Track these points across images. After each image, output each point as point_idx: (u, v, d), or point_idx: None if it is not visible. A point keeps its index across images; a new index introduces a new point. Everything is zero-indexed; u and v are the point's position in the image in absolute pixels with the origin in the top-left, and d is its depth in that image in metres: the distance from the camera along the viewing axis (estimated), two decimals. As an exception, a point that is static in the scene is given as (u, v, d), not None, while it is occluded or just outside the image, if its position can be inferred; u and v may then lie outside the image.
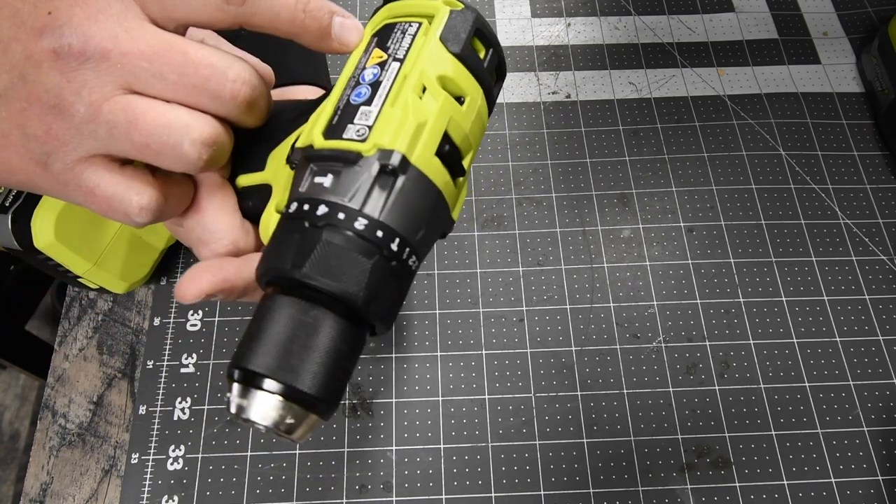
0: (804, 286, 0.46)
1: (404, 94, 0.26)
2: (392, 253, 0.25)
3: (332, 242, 0.24)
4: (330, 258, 0.24)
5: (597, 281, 0.46)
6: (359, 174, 0.25)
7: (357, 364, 0.26)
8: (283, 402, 0.24)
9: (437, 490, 0.40)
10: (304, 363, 0.24)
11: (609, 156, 0.51)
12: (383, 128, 0.26)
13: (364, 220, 0.25)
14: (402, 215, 0.26)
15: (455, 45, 0.28)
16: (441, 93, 0.27)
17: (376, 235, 0.25)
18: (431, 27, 0.28)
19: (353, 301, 0.24)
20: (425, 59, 0.27)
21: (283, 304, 0.25)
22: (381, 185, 0.25)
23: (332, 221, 0.25)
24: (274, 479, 0.40)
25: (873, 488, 0.40)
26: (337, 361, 0.25)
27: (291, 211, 0.26)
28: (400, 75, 0.27)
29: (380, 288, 0.25)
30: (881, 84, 0.52)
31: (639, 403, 0.42)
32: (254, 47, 0.43)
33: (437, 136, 0.27)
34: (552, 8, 0.58)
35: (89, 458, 0.41)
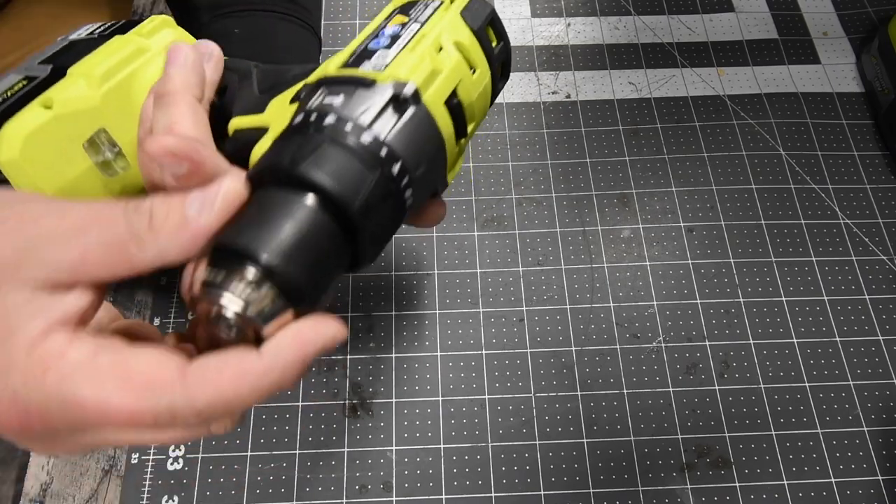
0: (804, 286, 0.46)
1: (422, 46, 0.28)
2: (392, 176, 0.25)
3: (335, 148, 0.24)
4: (331, 161, 0.24)
5: (597, 281, 0.46)
6: (371, 96, 0.26)
7: (338, 282, 0.25)
8: (263, 283, 0.22)
9: (437, 490, 0.40)
10: (291, 249, 0.22)
11: (609, 156, 0.51)
12: (400, 64, 0.27)
13: (370, 136, 0.25)
14: (407, 144, 0.26)
15: (473, 22, 0.29)
16: (456, 53, 0.28)
17: (380, 154, 0.25)
18: (453, 5, 0.30)
19: (349, 205, 0.24)
20: (445, 25, 0.29)
21: (274, 194, 0.24)
22: (393, 109, 0.26)
23: (339, 130, 0.25)
24: (274, 479, 0.40)
25: (873, 488, 0.40)
26: (324, 261, 0.23)
27: (296, 122, 0.26)
28: (419, 33, 0.28)
29: (375, 204, 0.25)
30: (881, 84, 0.52)
31: (639, 403, 0.42)
32: (246, 48, 0.43)
33: (448, 86, 0.28)
34: (552, 8, 0.58)
35: (89, 458, 0.41)
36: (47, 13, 0.65)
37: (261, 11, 0.44)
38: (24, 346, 0.21)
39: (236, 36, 0.43)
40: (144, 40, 0.38)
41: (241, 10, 0.44)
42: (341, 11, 0.57)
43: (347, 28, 0.56)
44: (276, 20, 0.44)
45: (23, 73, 0.37)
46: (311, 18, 0.47)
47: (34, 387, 0.21)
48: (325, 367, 0.43)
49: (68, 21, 0.64)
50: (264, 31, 0.44)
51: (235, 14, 0.44)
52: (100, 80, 0.36)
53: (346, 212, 0.24)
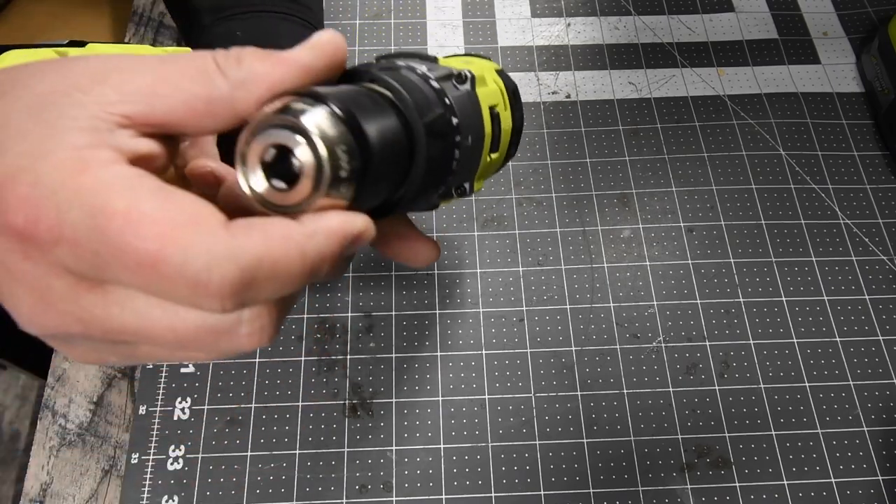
0: (804, 286, 0.46)
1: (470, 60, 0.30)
2: (451, 124, 0.25)
3: (408, 76, 0.25)
4: (405, 81, 0.24)
5: (597, 281, 0.46)
6: (434, 67, 0.26)
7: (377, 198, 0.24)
8: (342, 123, 0.20)
9: (437, 490, 0.40)
10: (371, 119, 0.21)
11: (609, 156, 0.51)
12: (455, 61, 0.29)
13: (438, 85, 0.25)
14: (461, 111, 0.26)
15: (506, 81, 0.32)
16: (495, 85, 0.31)
17: (445, 101, 0.25)
18: (489, 63, 0.33)
19: (418, 120, 0.23)
20: (485, 68, 0.31)
21: (351, 86, 0.22)
22: (453, 83, 0.27)
23: (411, 70, 0.25)
24: (274, 479, 0.40)
25: (873, 488, 0.40)
26: (392, 144, 0.22)
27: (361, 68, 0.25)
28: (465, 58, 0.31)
29: (435, 136, 0.24)
30: (881, 84, 0.52)
31: (639, 403, 0.42)
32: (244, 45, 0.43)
33: (491, 98, 0.29)
34: (552, 8, 0.58)
35: (89, 458, 0.41)
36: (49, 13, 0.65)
37: (263, 13, 0.44)
38: (69, 144, 0.18)
39: (240, 38, 0.43)
40: None
41: (244, 12, 0.44)
42: (341, 11, 0.57)
43: (347, 28, 0.56)
44: (278, 21, 0.44)
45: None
46: (313, 18, 0.47)
47: (63, 181, 0.17)
48: (325, 367, 0.43)
49: (70, 21, 0.64)
50: (267, 32, 0.44)
51: (238, 16, 0.44)
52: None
53: (415, 123, 0.23)
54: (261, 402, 0.42)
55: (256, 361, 0.43)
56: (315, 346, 0.44)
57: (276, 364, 0.43)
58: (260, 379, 0.43)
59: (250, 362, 0.43)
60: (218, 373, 0.43)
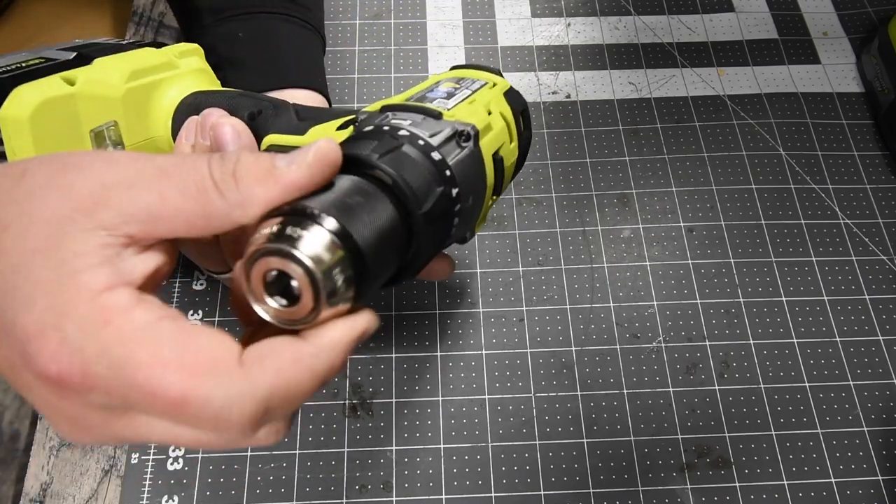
0: (804, 286, 0.46)
1: (476, 105, 0.31)
2: (451, 196, 0.26)
3: (409, 154, 0.25)
4: (408, 164, 0.25)
5: (597, 281, 0.46)
6: (438, 125, 0.28)
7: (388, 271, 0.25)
8: (335, 244, 0.21)
9: (437, 490, 0.40)
10: (366, 225, 0.22)
11: (609, 156, 0.51)
12: (460, 110, 0.29)
13: (439, 155, 0.26)
14: (463, 175, 0.27)
15: (514, 105, 0.33)
16: (501, 121, 0.31)
17: (445, 173, 0.26)
18: (497, 87, 0.33)
19: (418, 205, 0.24)
20: (492, 98, 0.32)
21: (350, 179, 0.24)
22: (456, 142, 0.27)
23: (412, 142, 0.26)
24: (274, 479, 0.40)
25: (873, 488, 0.40)
26: (387, 249, 0.23)
27: (367, 130, 0.27)
28: (471, 97, 0.31)
29: (436, 216, 0.25)
30: (881, 84, 0.52)
31: (639, 403, 0.42)
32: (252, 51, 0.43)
33: (496, 142, 0.30)
34: (552, 8, 0.58)
35: (89, 458, 0.41)
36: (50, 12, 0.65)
37: (263, 13, 0.44)
38: (88, 294, 0.19)
39: (241, 39, 0.43)
40: (175, 58, 0.38)
41: (244, 13, 0.44)
42: (341, 11, 0.57)
43: (347, 28, 0.56)
44: (279, 22, 0.44)
45: (36, 54, 0.35)
46: (313, 18, 0.47)
47: (89, 337, 0.19)
48: (325, 367, 0.43)
49: (72, 20, 0.64)
50: (268, 33, 0.44)
51: (238, 17, 0.44)
52: (128, 76, 0.35)
53: (413, 213, 0.24)
54: (261, 402, 0.42)
55: (256, 361, 0.43)
56: (315, 346, 0.44)
57: (276, 364, 0.43)
58: (260, 379, 0.43)
59: (250, 362, 0.43)
60: (218, 373, 0.43)
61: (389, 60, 0.54)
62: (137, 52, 0.37)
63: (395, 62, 0.54)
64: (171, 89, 0.37)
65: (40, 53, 0.35)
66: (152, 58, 0.37)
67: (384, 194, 0.24)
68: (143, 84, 0.36)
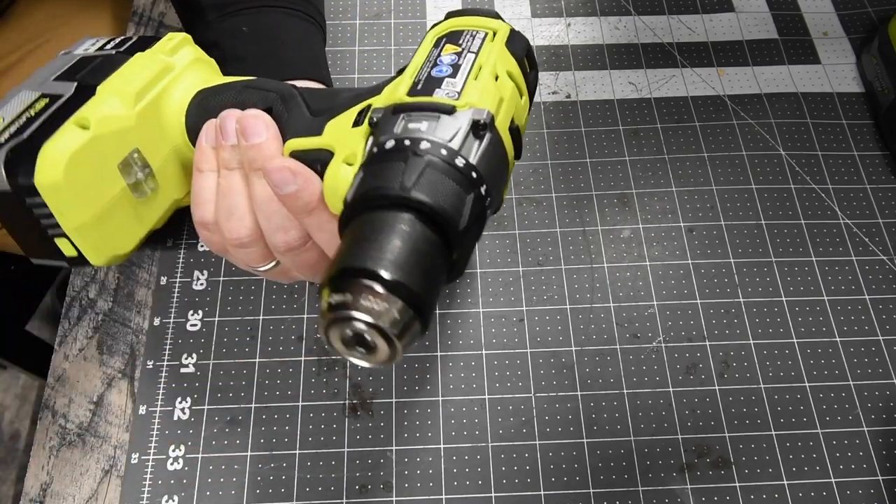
0: (804, 286, 0.46)
1: (483, 74, 0.30)
2: (481, 195, 0.27)
3: (437, 171, 0.26)
4: (436, 184, 0.26)
5: (597, 281, 0.46)
6: (454, 122, 0.28)
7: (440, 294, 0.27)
8: (387, 295, 0.23)
9: (437, 490, 0.40)
10: (411, 265, 0.24)
11: (609, 156, 0.51)
12: (471, 91, 0.29)
13: (463, 160, 0.27)
14: (488, 167, 0.28)
15: (517, 55, 0.32)
16: (510, 83, 0.31)
17: (472, 175, 0.27)
18: (497, 37, 0.32)
19: (454, 224, 0.26)
20: (496, 56, 0.31)
21: (384, 216, 0.25)
22: (474, 135, 0.28)
23: (436, 154, 0.26)
24: (274, 479, 0.40)
25: (873, 488, 0.40)
26: (434, 271, 0.25)
27: (389, 147, 0.27)
28: (476, 63, 0.31)
29: (472, 222, 0.26)
30: (881, 84, 0.52)
31: (639, 403, 0.42)
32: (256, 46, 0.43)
33: (510, 113, 0.30)
34: (552, 8, 0.58)
35: (89, 458, 0.41)
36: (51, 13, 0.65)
37: (266, 8, 0.44)
38: None
39: (244, 34, 0.43)
40: (169, 58, 0.37)
41: (247, 8, 0.44)
42: (341, 11, 0.57)
43: (347, 28, 0.56)
44: (282, 16, 0.44)
45: (35, 89, 0.35)
46: (314, 12, 0.47)
47: None
48: (325, 367, 0.43)
49: (70, 22, 0.64)
50: (272, 27, 0.44)
51: (242, 12, 0.44)
52: (134, 98, 0.35)
53: (452, 231, 0.26)
54: (261, 402, 0.42)
55: (256, 361, 0.43)
56: (315, 346, 0.44)
57: (276, 364, 0.43)
58: (260, 379, 0.43)
59: (250, 362, 0.43)
60: (218, 373, 0.43)
61: (389, 60, 0.54)
62: (133, 64, 0.36)
63: (395, 62, 0.54)
64: (175, 93, 0.37)
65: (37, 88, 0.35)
66: (149, 66, 0.36)
67: (421, 222, 0.25)
68: (150, 101, 0.36)
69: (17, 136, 0.32)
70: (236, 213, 0.34)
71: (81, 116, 0.33)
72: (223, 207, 0.34)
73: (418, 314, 0.24)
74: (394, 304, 0.23)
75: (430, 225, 0.25)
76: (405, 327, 0.23)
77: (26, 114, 0.33)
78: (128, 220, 0.37)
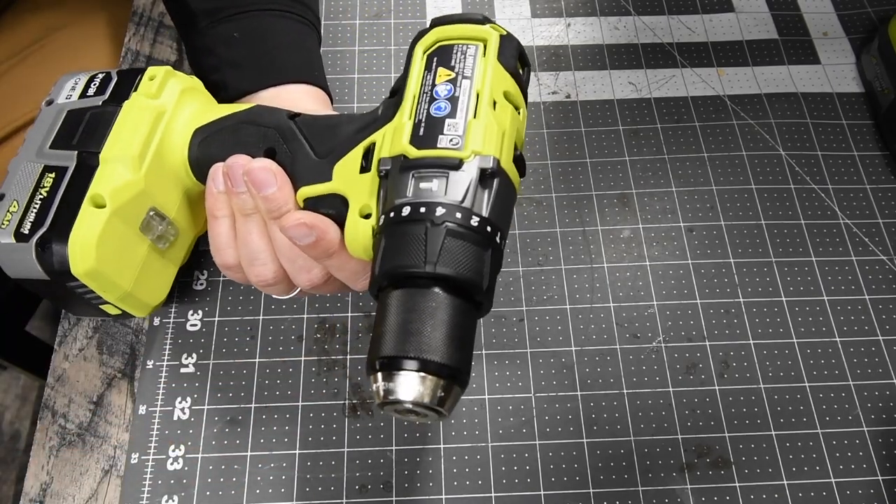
0: (804, 286, 0.46)
1: (483, 108, 0.30)
2: (497, 245, 0.29)
3: (455, 239, 0.28)
4: (457, 252, 0.28)
5: (597, 281, 0.46)
6: (464, 178, 0.29)
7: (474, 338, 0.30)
8: (425, 377, 0.26)
9: (437, 490, 0.40)
10: (439, 341, 0.27)
11: (609, 156, 0.51)
12: (475, 136, 0.30)
13: (477, 217, 0.28)
14: (500, 212, 0.30)
15: (510, 66, 0.32)
16: (508, 106, 0.32)
17: (487, 230, 0.29)
18: (489, 50, 0.32)
19: (478, 288, 0.28)
20: (492, 77, 0.31)
21: (407, 296, 0.28)
22: (483, 185, 0.29)
23: (452, 220, 0.28)
24: (274, 479, 0.40)
25: (873, 488, 0.40)
26: (465, 336, 0.28)
27: (406, 214, 0.29)
28: (473, 91, 0.31)
29: (493, 275, 0.29)
30: (881, 84, 0.52)
31: (639, 403, 0.42)
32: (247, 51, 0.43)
33: (512, 143, 0.31)
34: (552, 8, 0.58)
35: (89, 458, 0.41)
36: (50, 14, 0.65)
37: (257, 11, 0.44)
38: None
39: (236, 40, 0.43)
40: (157, 102, 0.38)
41: (239, 13, 0.44)
42: (341, 11, 0.57)
43: (347, 28, 0.56)
44: (274, 18, 0.44)
45: (36, 159, 0.36)
46: (309, 13, 0.47)
47: None
48: (325, 368, 0.43)
49: (67, 26, 0.64)
50: (263, 31, 0.44)
51: (233, 18, 0.44)
52: (137, 161, 0.36)
53: (477, 292, 0.28)
54: (261, 402, 0.42)
55: (256, 361, 0.43)
56: (315, 346, 0.44)
57: (276, 364, 0.43)
58: (260, 379, 0.43)
59: (250, 362, 0.43)
60: (218, 373, 0.43)
61: (389, 60, 0.54)
62: (125, 120, 0.37)
63: (395, 62, 0.54)
64: (174, 138, 0.38)
65: (36, 159, 0.36)
66: (141, 119, 0.37)
67: (449, 293, 0.28)
68: (153, 157, 0.37)
69: (39, 226, 0.34)
70: (259, 259, 0.35)
71: (95, 195, 0.35)
72: (245, 255, 0.36)
73: (459, 383, 0.27)
74: (437, 385, 0.27)
75: (457, 291, 0.28)
76: (448, 397, 0.27)
77: (38, 195, 0.35)
78: (160, 270, 0.40)
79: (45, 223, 0.34)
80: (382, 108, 0.34)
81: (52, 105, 0.38)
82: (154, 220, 0.37)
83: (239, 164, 0.34)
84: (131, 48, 0.55)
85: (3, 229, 0.34)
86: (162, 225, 0.38)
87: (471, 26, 0.33)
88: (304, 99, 0.42)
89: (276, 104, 0.40)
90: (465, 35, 0.33)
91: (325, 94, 0.45)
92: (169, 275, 0.41)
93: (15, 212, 0.34)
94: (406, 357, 0.26)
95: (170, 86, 0.38)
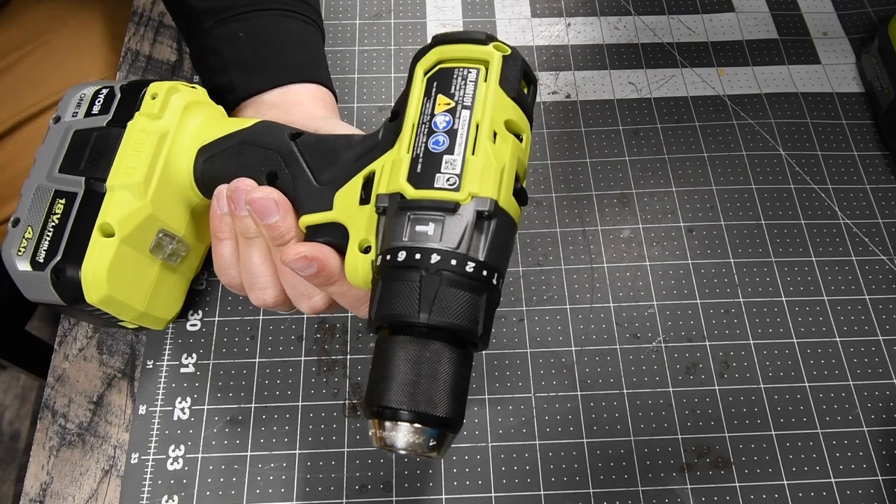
0: (804, 286, 0.46)
1: (481, 142, 0.30)
2: (494, 287, 0.29)
3: (450, 287, 0.28)
4: (451, 301, 0.28)
5: (597, 281, 0.46)
6: (460, 222, 0.29)
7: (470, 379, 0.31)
8: (422, 429, 0.28)
9: (437, 490, 0.40)
10: (433, 392, 0.28)
11: (609, 156, 0.51)
12: (472, 176, 0.29)
13: (472, 263, 0.28)
14: (497, 253, 0.29)
15: (513, 90, 0.31)
16: (509, 136, 0.31)
17: (483, 274, 0.29)
18: (490, 74, 0.31)
19: (473, 334, 0.29)
20: (492, 106, 0.30)
21: (404, 344, 0.28)
22: (479, 229, 0.29)
23: (446, 267, 0.28)
24: (274, 479, 0.40)
25: (873, 488, 0.40)
26: (458, 384, 0.29)
27: (402, 260, 0.29)
28: (472, 123, 0.30)
29: (488, 317, 0.29)
30: (881, 84, 0.52)
31: (639, 403, 0.42)
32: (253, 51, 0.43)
33: (512, 177, 0.30)
34: (552, 8, 0.58)
35: (89, 458, 0.41)
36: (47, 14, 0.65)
37: (262, 11, 0.44)
38: None
39: (242, 40, 0.43)
40: (160, 122, 0.37)
41: (243, 13, 0.44)
42: (341, 11, 0.57)
43: (347, 28, 0.56)
44: (278, 18, 0.44)
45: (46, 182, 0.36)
46: (311, 12, 0.47)
47: None
48: (325, 368, 0.43)
49: (69, 20, 0.64)
50: (268, 31, 0.44)
51: (238, 17, 0.44)
52: (143, 187, 0.36)
53: (471, 339, 0.29)
54: (261, 402, 0.42)
55: (256, 361, 0.43)
56: (315, 346, 0.44)
57: (276, 364, 0.43)
58: (260, 379, 0.43)
59: (250, 362, 0.43)
60: (218, 373, 0.43)
61: (389, 60, 0.54)
62: (128, 145, 0.37)
63: (395, 62, 0.54)
64: (178, 159, 0.38)
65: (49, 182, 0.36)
66: (145, 142, 0.37)
67: (441, 343, 0.28)
68: (158, 181, 0.37)
69: (53, 254, 0.35)
70: (259, 283, 0.36)
71: (103, 223, 0.35)
72: (246, 278, 0.36)
73: (452, 430, 0.28)
74: (432, 434, 0.28)
75: (452, 339, 0.28)
76: (443, 443, 0.28)
77: (51, 221, 0.36)
78: (173, 285, 0.41)
79: (58, 251, 0.35)
80: (383, 132, 0.33)
81: (60, 123, 0.38)
82: (164, 241, 0.38)
83: (242, 189, 0.35)
84: (131, 48, 0.55)
85: (20, 256, 0.35)
86: (172, 244, 0.39)
87: (473, 47, 0.31)
88: (311, 99, 0.42)
89: (282, 105, 0.40)
90: (467, 56, 0.31)
91: (331, 93, 0.45)
92: (182, 288, 0.42)
93: (30, 238, 0.35)
94: (403, 409, 0.27)
95: (172, 103, 0.38)
